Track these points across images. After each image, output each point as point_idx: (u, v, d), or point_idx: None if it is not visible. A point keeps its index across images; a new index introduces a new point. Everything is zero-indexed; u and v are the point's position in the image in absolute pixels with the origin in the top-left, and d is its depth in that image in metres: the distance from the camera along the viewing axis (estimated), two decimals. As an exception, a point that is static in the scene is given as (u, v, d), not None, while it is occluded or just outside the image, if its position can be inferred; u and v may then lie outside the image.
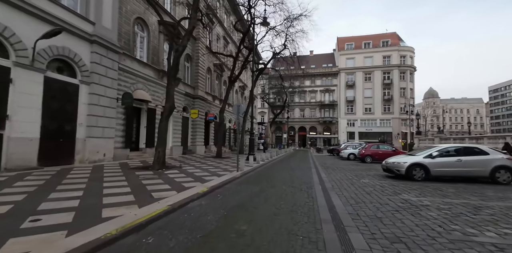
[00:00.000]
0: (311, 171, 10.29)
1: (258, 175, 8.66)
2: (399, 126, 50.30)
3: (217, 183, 6.45)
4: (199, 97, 18.77)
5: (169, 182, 6.39)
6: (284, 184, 6.72)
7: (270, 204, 4.54)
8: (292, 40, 18.82)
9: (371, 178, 8.22)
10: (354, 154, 17.07)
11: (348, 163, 14.57)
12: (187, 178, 7.09)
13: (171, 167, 9.61)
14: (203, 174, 8.14)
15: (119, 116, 11.42)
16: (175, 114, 16.26)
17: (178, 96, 16.58)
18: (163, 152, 9.20)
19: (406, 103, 50.10)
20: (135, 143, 13.05)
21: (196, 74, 18.90)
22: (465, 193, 5.81)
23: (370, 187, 6.56)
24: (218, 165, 10.96)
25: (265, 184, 6.79)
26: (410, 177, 7.68)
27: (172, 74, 9.24)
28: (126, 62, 11.89)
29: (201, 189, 5.59)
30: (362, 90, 53.24)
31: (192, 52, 18.60)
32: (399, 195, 5.53)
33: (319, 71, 56.16)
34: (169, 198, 4.71)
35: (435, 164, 7.51)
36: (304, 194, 5.48)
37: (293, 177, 8.16)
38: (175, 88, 15.69)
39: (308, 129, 55.86)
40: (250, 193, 5.48)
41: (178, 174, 7.93)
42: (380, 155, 14.90)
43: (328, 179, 7.82)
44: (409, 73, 52.02)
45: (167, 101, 9.37)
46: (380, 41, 54.28)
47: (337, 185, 6.83)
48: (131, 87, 12.26)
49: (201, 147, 19.33)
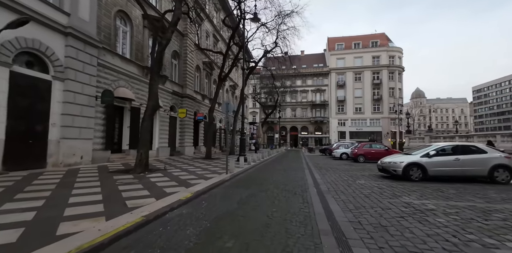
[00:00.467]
0: (304, 172, 9.86)
1: (249, 178, 8.13)
2: (388, 126, 51.04)
3: (203, 188, 5.87)
4: (187, 96, 18.05)
5: (150, 187, 5.76)
6: (277, 187, 6.22)
7: (261, 211, 4.02)
8: (283, 38, 18.42)
9: (367, 179, 7.86)
10: (346, 153, 16.82)
11: (341, 163, 14.27)
12: (170, 182, 6.47)
13: (155, 170, 8.94)
14: (189, 177, 7.54)
15: (98, 116, 10.61)
16: (162, 114, 15.51)
17: (165, 95, 15.84)
18: (146, 154, 8.52)
19: (395, 103, 50.99)
20: (117, 144, 12.24)
21: (184, 72, 18.17)
22: (467, 195, 5.49)
23: (368, 189, 6.16)
24: (207, 167, 10.36)
25: (256, 187, 6.27)
26: (407, 178, 7.36)
27: (155, 70, 8.57)
28: (107, 58, 11.09)
29: (184, 195, 5.01)
30: (353, 90, 53.72)
31: (179, 49, 17.86)
32: (399, 198, 5.13)
33: (310, 71, 56.25)
34: (145, 207, 4.11)
35: (433, 164, 7.22)
36: (299, 199, 4.99)
37: (286, 179, 7.68)
38: (161, 86, 15.00)
39: (299, 129, 55.83)
40: (239, 198, 4.94)
41: (161, 177, 7.29)
42: (373, 155, 14.70)
43: (322, 181, 7.38)
44: (398, 73, 52.91)
45: (150, 98, 8.69)
46: (370, 41, 54.97)
47: (333, 187, 6.39)
48: (112, 85, 11.46)
49: (190, 148, 18.60)
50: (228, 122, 8.81)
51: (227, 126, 8.81)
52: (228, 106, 8.89)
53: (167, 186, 5.91)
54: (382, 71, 52.46)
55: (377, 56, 53.31)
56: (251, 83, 46.42)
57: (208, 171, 9.17)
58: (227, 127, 8.79)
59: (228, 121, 8.76)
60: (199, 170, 9.38)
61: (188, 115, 18.21)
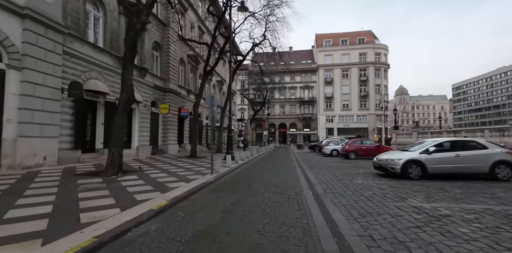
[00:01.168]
0: (296, 170, 9.22)
1: (236, 178, 7.36)
2: (375, 122, 51.88)
3: (183, 193, 5.04)
4: (170, 90, 16.90)
5: (118, 193, 4.86)
6: (267, 190, 5.50)
7: (250, 224, 3.28)
8: (272, 30, 17.63)
9: (364, 178, 7.32)
10: (337, 150, 16.44)
11: (332, 160, 13.81)
12: (144, 187, 5.59)
13: (130, 171, 7.97)
14: (169, 179, 6.66)
15: (66, 111, 9.40)
16: (142, 109, 14.35)
17: (145, 89, 14.65)
18: (119, 153, 7.53)
19: (381, 100, 51.85)
20: (90, 143, 11.04)
21: (167, 65, 16.97)
22: (475, 195, 5.03)
23: (368, 189, 5.58)
24: (190, 167, 9.48)
25: (243, 191, 5.51)
26: (405, 176, 6.89)
27: (129, 57, 7.54)
28: (75, 45, 9.84)
29: (158, 204, 4.17)
30: (340, 86, 53.98)
31: (161, 40, 16.61)
32: (405, 200, 4.56)
33: (298, 68, 55.87)
34: (102, 222, 3.24)
35: (432, 161, 6.78)
36: (294, 205, 4.30)
37: (277, 180, 6.98)
38: (140, 79, 13.74)
39: (288, 125, 55.57)
40: (224, 206, 4.16)
41: (135, 181, 6.37)
42: (364, 151, 14.38)
43: (317, 181, 6.75)
44: (384, 70, 53.68)
45: (123, 90, 7.67)
46: (357, 38, 55.29)
47: (329, 188, 5.76)
48: (82, 76, 10.23)
49: (174, 146, 17.53)
50: (213, 117, 7.96)
51: (212, 122, 7.97)
52: (213, 100, 8.03)
53: (140, 192, 5.04)
54: (368, 68, 53.01)
55: (363, 53, 53.74)
56: (239, 79, 45.43)
57: (191, 171, 8.32)
58: (212, 123, 7.95)
59: (213, 116, 7.91)
60: (181, 170, 8.50)
61: (172, 111, 17.09)
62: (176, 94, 17.81)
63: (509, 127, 11.89)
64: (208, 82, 25.86)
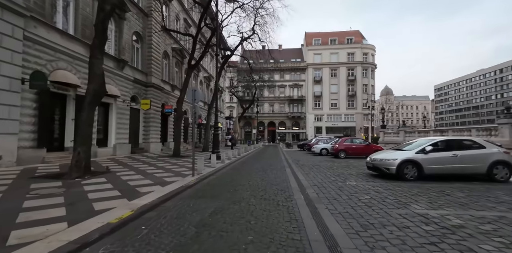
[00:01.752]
0: (285, 171, 8.64)
1: (220, 181, 6.67)
2: (362, 121, 52.60)
3: (154, 200, 4.30)
4: (153, 85, 15.85)
5: (74, 201, 4.06)
6: (254, 195, 4.85)
7: (229, 244, 2.62)
8: (262, 24, 16.94)
9: (357, 179, 6.84)
10: (326, 149, 16.07)
11: (322, 159, 13.39)
12: (111, 192, 4.79)
13: (100, 173, 7.07)
14: (142, 182, 5.87)
15: (27, 104, 8.31)
16: (120, 105, 13.27)
17: (123, 83, 13.57)
18: (86, 152, 6.62)
19: (368, 99, 52.61)
20: (58, 141, 9.95)
21: (149, 58, 15.89)
22: (479, 198, 4.63)
23: (364, 193, 5.07)
24: (171, 168, 8.68)
25: (226, 196, 4.84)
26: (401, 177, 6.47)
27: (97, 44, 6.62)
28: (39, 31, 8.71)
29: (119, 215, 3.42)
30: (329, 85, 54.24)
31: (142, 31, 15.50)
32: (408, 206, 4.07)
33: (288, 66, 55.60)
34: (36, 244, 2.47)
35: (429, 161, 6.40)
36: (284, 214, 3.68)
37: (265, 182, 6.36)
38: (118, 72, 12.59)
39: (277, 124, 55.27)
40: (200, 218, 3.47)
41: (103, 184, 5.54)
42: (354, 150, 14.07)
43: (308, 183, 6.18)
44: (371, 70, 54.45)
45: (90, 81, 6.75)
46: (345, 38, 55.68)
47: (322, 192, 5.20)
48: (48, 66, 9.12)
49: (157, 145, 16.52)
50: (195, 113, 7.20)
51: (194, 118, 7.22)
52: (195, 93, 7.27)
53: (102, 199, 4.25)
54: (356, 68, 53.56)
55: (352, 52, 54.20)
56: (228, 76, 44.40)
57: (171, 172, 7.54)
58: (194, 119, 7.20)
59: (195, 112, 7.15)
60: (160, 171, 7.69)
61: (154, 107, 16.06)
62: (159, 89, 16.77)
63: (497, 126, 11.91)
64: (194, 77, 24.84)
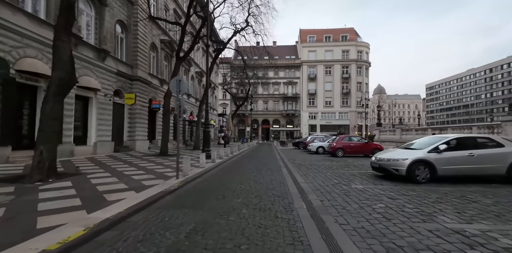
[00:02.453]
0: (281, 171, 7.86)
1: (207, 184, 5.82)
2: (356, 119, 52.47)
3: (120, 212, 3.42)
4: (139, 78, 14.75)
5: (16, 214, 3.16)
6: (246, 204, 4.03)
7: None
8: (256, 15, 16.01)
9: (363, 181, 6.12)
10: (323, 147, 15.39)
11: (319, 158, 12.68)
12: (70, 201, 3.89)
13: (68, 175, 6.11)
14: (115, 187, 4.97)
15: (-15, 96, 7.21)
16: (101, 99, 12.18)
17: (105, 75, 12.45)
18: (51, 152, 5.66)
19: (362, 97, 52.46)
20: (27, 138, 8.85)
21: (135, 49, 14.76)
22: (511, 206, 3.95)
23: (376, 200, 4.32)
24: (154, 168, 7.76)
25: (212, 205, 4.00)
26: (411, 179, 5.77)
27: (62, 23, 5.61)
28: (3, 13, 7.59)
29: (64, 238, 2.53)
30: (323, 83, 53.80)
31: (127, 20, 14.34)
32: (435, 219, 3.33)
33: (282, 63, 54.79)
34: None
35: (443, 161, 5.72)
36: (284, 231, 2.87)
37: (259, 186, 5.55)
38: (99, 63, 11.35)
39: (271, 122, 54.58)
40: (174, 240, 2.62)
41: (65, 190, 4.62)
42: (352, 148, 13.42)
43: (309, 187, 5.41)
44: (365, 68, 54.28)
45: (55, 68, 5.76)
46: (340, 35, 55.18)
47: (327, 198, 4.43)
48: (14, 53, 8.01)
49: (143, 143, 15.48)
50: (180, 106, 6.30)
51: (179, 112, 6.31)
52: (180, 84, 6.35)
53: (54, 211, 3.35)
54: (351, 65, 53.26)
55: (346, 50, 53.81)
56: (221, 72, 43.23)
57: (153, 174, 6.64)
58: (179, 113, 6.30)
59: (179, 105, 6.25)
60: (140, 173, 6.78)
61: (140, 102, 14.99)
62: (146, 83, 15.67)
63: (500, 123, 11.46)
64: (185, 72, 23.74)
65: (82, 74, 10.86)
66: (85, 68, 11.10)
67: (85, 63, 11.04)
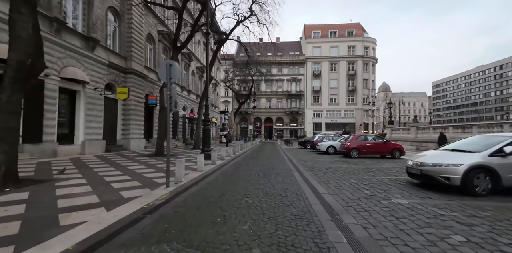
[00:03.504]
0: (294, 177, 6.59)
1: (204, 197, 4.56)
2: (362, 117, 50.91)
3: (61, 252, 2.18)
4: (133, 71, 13.53)
5: None
6: (257, 234, 2.77)
7: None
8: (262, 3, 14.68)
9: (402, 193, 4.82)
10: (334, 147, 14.06)
11: (332, 160, 11.38)
12: (6, 226, 2.65)
13: (34, 182, 4.90)
14: (81, 201, 3.74)
15: None
16: (91, 93, 10.99)
17: (95, 66, 11.25)
18: (9, 153, 4.48)
19: (369, 94, 50.76)
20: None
21: (129, 40, 13.53)
22: None
23: (440, 225, 3.04)
24: (144, 172, 6.54)
25: (207, 236, 2.74)
26: (468, 190, 4.47)
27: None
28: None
29: None
30: (328, 80, 52.24)
31: (120, 7, 13.09)
32: None
33: (286, 59, 53.32)
34: None
35: (509, 167, 4.41)
36: None
37: (270, 200, 4.29)
38: (86, 53, 9.59)
39: (274, 120, 53.25)
40: None
41: (13, 205, 3.39)
42: (369, 148, 12.08)
43: (336, 201, 4.13)
44: (371, 64, 52.56)
45: (12, 47, 4.53)
46: (346, 31, 53.47)
47: (370, 223, 3.15)
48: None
49: (139, 141, 14.29)
50: (171, 97, 5.05)
51: (169, 103, 5.06)
52: (172, 70, 5.09)
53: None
54: (357, 62, 51.60)
55: (352, 46, 52.11)
56: (223, 69, 41.88)
57: (139, 180, 5.41)
58: (169, 104, 5.05)
59: (169, 95, 4.99)
60: (124, 179, 5.55)
61: (136, 97, 13.80)
62: (142, 77, 14.46)
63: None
64: (185, 67, 22.50)
65: (66, 65, 9.67)
66: (71, 57, 9.90)
67: (70, 52, 9.83)
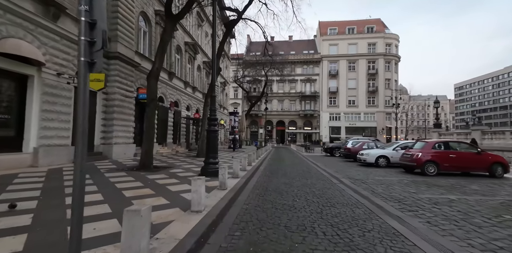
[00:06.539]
0: (387, 235, 3.00)
1: None
2: (384, 121, 46.45)
3: None
4: (119, 56, 10.35)
5: None
6: None
7: None
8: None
9: None
10: (386, 157, 10.29)
11: (397, 179, 7.62)
12: None
13: None
14: None
15: None
16: (52, 81, 7.79)
17: (58, 44, 8.06)
18: None
19: (392, 96, 46.20)
20: None
21: (114, 15, 10.42)
22: None
23: None
24: (88, 215, 3.04)
25: None
26: None
27: None
28: None
29: None
30: (346, 80, 48.28)
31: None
32: None
33: (299, 58, 49.87)
34: None
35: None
36: None
37: None
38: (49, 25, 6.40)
39: (287, 123, 49.55)
40: None
41: None
42: (454, 161, 8.04)
43: None
44: (394, 63, 48.32)
45: None
46: (365, 27, 49.61)
47: None
48: None
49: (126, 148, 10.99)
50: (104, 32, 1.72)
51: (102, 43, 1.75)
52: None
53: None
54: (378, 60, 47.48)
55: (373, 43, 48.11)
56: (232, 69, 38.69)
57: None
58: (88, 54, 1.75)
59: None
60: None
61: (122, 90, 10.59)
62: (131, 65, 11.27)
63: None
64: (190, 61, 19.31)
65: (6, 35, 6.52)
66: (16, 25, 6.76)
67: (15, 17, 6.70)
